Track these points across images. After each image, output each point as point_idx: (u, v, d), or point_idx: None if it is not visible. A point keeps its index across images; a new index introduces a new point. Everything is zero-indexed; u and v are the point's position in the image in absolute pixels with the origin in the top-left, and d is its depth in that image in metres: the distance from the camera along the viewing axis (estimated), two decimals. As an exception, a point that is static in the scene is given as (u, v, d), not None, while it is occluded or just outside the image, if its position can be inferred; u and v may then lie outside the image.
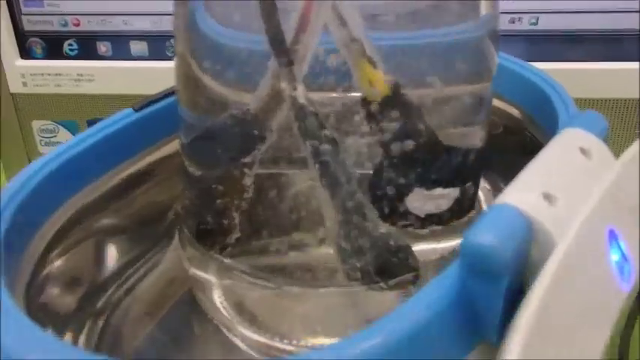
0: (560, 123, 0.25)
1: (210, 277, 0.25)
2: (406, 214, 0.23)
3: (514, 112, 0.30)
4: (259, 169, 0.24)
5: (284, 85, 0.22)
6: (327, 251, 0.24)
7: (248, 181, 0.24)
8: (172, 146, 0.29)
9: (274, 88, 0.23)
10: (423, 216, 0.23)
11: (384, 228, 0.23)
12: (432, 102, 0.23)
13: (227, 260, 0.25)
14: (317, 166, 0.23)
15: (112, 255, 0.29)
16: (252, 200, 0.24)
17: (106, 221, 0.28)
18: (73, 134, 0.53)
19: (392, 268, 0.23)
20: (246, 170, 0.24)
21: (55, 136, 0.54)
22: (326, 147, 0.23)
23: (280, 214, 0.24)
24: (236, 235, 0.24)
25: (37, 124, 0.52)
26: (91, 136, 0.27)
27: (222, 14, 0.24)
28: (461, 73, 0.24)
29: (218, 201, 0.24)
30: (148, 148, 0.29)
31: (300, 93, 0.22)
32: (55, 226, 0.25)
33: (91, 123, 0.52)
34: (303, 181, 0.24)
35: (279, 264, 0.25)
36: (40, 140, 0.53)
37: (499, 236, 0.16)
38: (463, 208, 0.25)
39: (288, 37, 0.22)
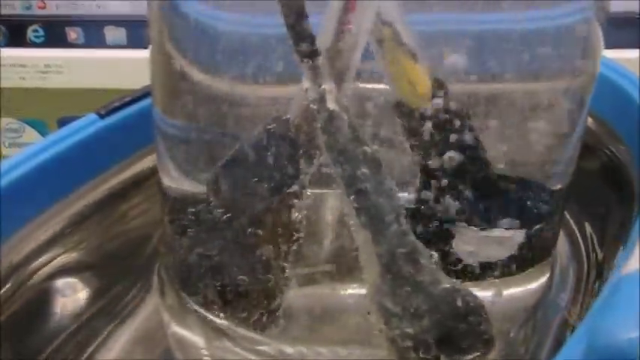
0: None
1: (195, 338, 0.20)
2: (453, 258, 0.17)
3: (589, 122, 0.24)
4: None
5: (307, 84, 0.16)
6: (364, 313, 0.17)
7: (299, 215, 0.18)
8: (150, 160, 0.23)
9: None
10: (474, 263, 0.18)
11: (446, 281, 0.16)
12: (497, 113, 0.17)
13: (219, 320, 0.18)
14: (352, 197, 0.16)
15: (70, 304, 0.22)
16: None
17: (64, 258, 0.23)
18: (42, 134, 0.48)
19: (459, 339, 0.16)
20: (295, 202, 0.17)
21: (21, 136, 0.49)
22: (365, 171, 0.16)
23: (294, 256, 0.18)
24: (240, 295, 0.18)
25: (-1, 123, 0.47)
26: (43, 150, 0.21)
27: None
28: (546, 74, 0.17)
29: (258, 251, 0.18)
30: (119, 163, 0.24)
31: (330, 95, 0.16)
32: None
33: (61, 122, 0.47)
34: (331, 209, 0.18)
35: (292, 329, 0.19)
36: (4, 141, 0.48)
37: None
38: (533, 257, 0.18)
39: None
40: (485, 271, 0.18)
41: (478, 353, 0.17)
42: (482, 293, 0.18)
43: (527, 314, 0.20)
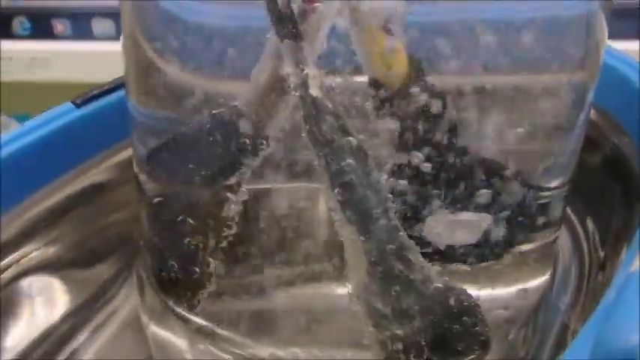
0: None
1: (177, 340, 0.19)
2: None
3: (591, 114, 0.23)
4: (248, 186, 0.16)
5: (289, 69, 0.15)
6: (349, 313, 0.16)
7: (232, 211, 0.16)
8: (128, 152, 0.22)
9: (274, 75, 0.16)
10: (442, 247, 0.16)
11: (439, 279, 0.15)
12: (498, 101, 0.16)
13: (200, 320, 0.17)
14: (337, 190, 0.15)
15: (46, 303, 0.21)
16: (237, 237, 0.17)
17: (38, 254, 0.22)
18: None
19: (453, 340, 0.15)
20: (229, 196, 0.16)
21: (7, 131, 0.47)
22: (350, 162, 0.15)
23: (277, 255, 0.17)
24: (212, 287, 0.17)
25: (-18, 117, 0.46)
26: (12, 140, 0.20)
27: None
28: (549, 64, 0.16)
29: (187, 240, 0.17)
30: (96, 155, 0.23)
31: (313, 80, 0.15)
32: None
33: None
34: (313, 204, 0.17)
35: (276, 328, 0.18)
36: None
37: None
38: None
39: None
40: (472, 259, 0.17)
41: (473, 356, 0.16)
42: (480, 292, 0.17)
43: (528, 313, 0.19)
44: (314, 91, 0.15)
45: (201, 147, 0.16)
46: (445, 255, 0.16)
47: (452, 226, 0.16)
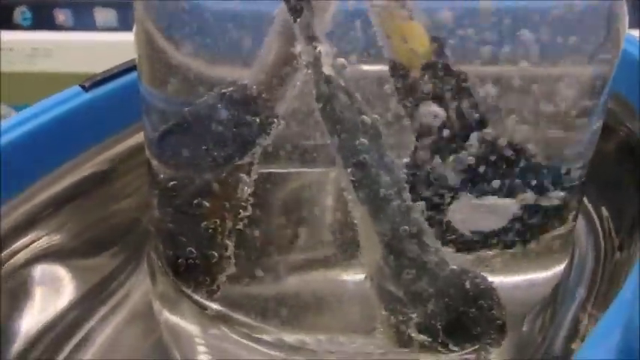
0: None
1: (190, 327, 0.19)
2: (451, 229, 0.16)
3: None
4: (261, 169, 0.16)
5: (300, 47, 0.15)
6: (363, 296, 0.16)
7: (245, 191, 0.16)
8: (137, 138, 0.22)
9: (282, 52, 0.15)
10: (467, 233, 0.16)
11: (454, 262, 0.15)
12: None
13: (215, 306, 0.17)
14: (350, 170, 0.15)
15: (58, 289, 0.21)
16: (252, 220, 0.16)
17: (45, 241, 0.21)
18: None
19: (469, 324, 0.15)
20: (242, 176, 0.16)
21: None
22: (364, 141, 0.15)
23: (293, 239, 0.17)
24: (229, 271, 0.17)
25: (-16, 108, 0.46)
26: (20, 124, 0.20)
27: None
28: (569, 52, 0.16)
29: (204, 224, 0.16)
30: (104, 140, 0.22)
31: (326, 58, 0.15)
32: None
33: (50, 107, 0.46)
34: (328, 187, 0.17)
35: (290, 314, 0.18)
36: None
37: None
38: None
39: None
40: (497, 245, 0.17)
41: (490, 340, 0.16)
42: (497, 279, 0.17)
43: (545, 301, 0.19)
44: (327, 69, 0.15)
45: (212, 126, 0.16)
46: (469, 242, 0.16)
47: (476, 211, 0.16)
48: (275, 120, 0.16)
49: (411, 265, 0.15)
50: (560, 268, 0.19)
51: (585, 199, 0.23)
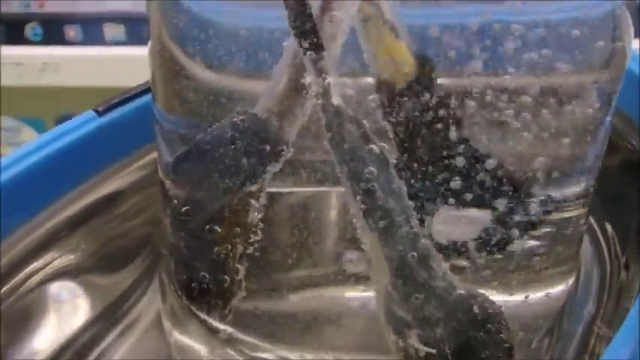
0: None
1: (199, 348, 0.19)
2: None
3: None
4: (269, 189, 0.16)
5: (311, 78, 0.15)
6: (371, 316, 0.16)
7: (255, 217, 0.17)
8: (149, 160, 0.22)
9: (292, 82, 0.16)
10: (446, 243, 0.16)
11: (460, 286, 0.15)
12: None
13: (227, 328, 0.18)
14: (359, 197, 0.15)
15: (69, 309, 0.21)
16: (262, 244, 0.17)
17: (62, 261, 0.22)
18: (39, 133, 0.47)
19: (477, 348, 0.15)
20: (252, 202, 0.16)
21: (18, 134, 0.48)
22: (372, 169, 0.15)
23: (302, 259, 0.18)
24: (240, 294, 0.17)
25: (-5, 121, 0.46)
26: (39, 149, 0.20)
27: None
28: (572, 66, 0.16)
29: (216, 249, 0.17)
30: (117, 162, 0.23)
31: (334, 89, 0.15)
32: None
33: (60, 120, 0.46)
34: (336, 204, 0.17)
35: (299, 333, 0.18)
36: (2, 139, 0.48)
37: None
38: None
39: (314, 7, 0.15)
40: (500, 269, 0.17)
41: (495, 363, 0.16)
42: (504, 298, 0.17)
43: (552, 320, 0.19)
44: (336, 100, 0.15)
45: (223, 155, 0.16)
46: (464, 255, 0.17)
47: (457, 222, 0.17)
48: (285, 148, 0.16)
49: (419, 289, 0.16)
50: (567, 286, 0.19)
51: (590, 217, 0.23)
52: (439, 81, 0.16)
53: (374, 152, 0.16)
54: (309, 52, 0.15)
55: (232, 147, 0.16)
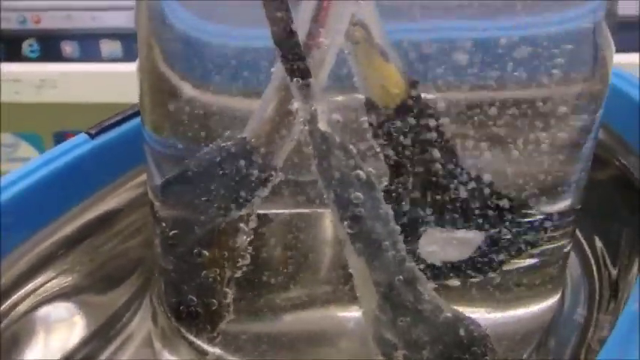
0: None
1: None
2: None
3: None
4: (261, 210, 0.17)
5: (298, 104, 0.15)
6: (362, 335, 0.17)
7: (244, 241, 0.17)
8: (142, 177, 0.22)
9: (280, 108, 0.16)
10: (438, 264, 0.17)
11: (447, 309, 0.16)
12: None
13: (215, 350, 0.18)
14: (346, 222, 0.15)
15: (66, 328, 0.21)
16: (251, 267, 0.17)
17: (57, 282, 0.22)
18: (37, 149, 0.48)
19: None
20: (241, 226, 0.17)
21: (16, 150, 0.48)
22: (359, 195, 0.15)
23: (291, 280, 0.18)
24: (229, 317, 0.17)
25: (-7, 138, 0.47)
26: (32, 172, 0.21)
27: (200, 6, 0.17)
28: (553, 82, 0.16)
29: (204, 273, 0.17)
30: (112, 182, 0.23)
31: (322, 115, 0.15)
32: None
33: (57, 136, 0.47)
34: (322, 228, 0.17)
35: (289, 354, 0.18)
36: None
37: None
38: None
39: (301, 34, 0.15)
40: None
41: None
42: (492, 316, 0.18)
43: (539, 336, 0.19)
44: (323, 126, 0.16)
45: (212, 180, 0.17)
46: (444, 273, 0.17)
47: (447, 243, 0.17)
48: (273, 173, 0.17)
49: (405, 312, 0.16)
50: (554, 301, 0.20)
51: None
52: (428, 101, 0.16)
53: (361, 178, 0.16)
54: (295, 79, 0.15)
55: (221, 172, 0.17)
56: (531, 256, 0.17)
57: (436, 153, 0.16)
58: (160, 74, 0.17)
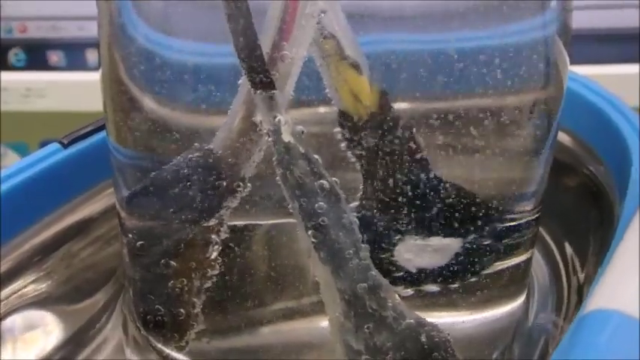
0: (634, 163, 0.20)
1: None
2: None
3: (565, 139, 0.24)
4: (230, 221, 0.17)
5: (261, 116, 0.15)
6: (332, 347, 0.17)
7: (214, 251, 0.17)
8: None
9: (246, 120, 0.16)
10: (413, 270, 0.17)
11: (410, 315, 0.16)
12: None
13: (184, 359, 0.18)
14: (311, 232, 0.16)
15: (39, 336, 0.22)
16: (221, 277, 0.17)
17: (29, 290, 0.22)
18: None
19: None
20: (210, 237, 0.17)
21: (3, 159, 0.48)
22: (323, 204, 0.16)
23: (263, 292, 0.18)
24: (198, 327, 0.17)
25: (-22, 147, 0.47)
26: (4, 180, 0.20)
27: (157, 18, 0.17)
28: (504, 92, 0.17)
29: (171, 283, 0.17)
30: (86, 191, 0.23)
31: (285, 127, 0.16)
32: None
33: (44, 145, 0.46)
34: (294, 239, 0.17)
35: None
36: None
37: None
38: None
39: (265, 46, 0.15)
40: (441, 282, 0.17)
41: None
42: (457, 319, 0.18)
43: (504, 339, 0.19)
44: (286, 137, 0.16)
45: (179, 191, 0.17)
46: (414, 279, 0.17)
47: (421, 250, 0.17)
48: (241, 184, 0.17)
49: (369, 319, 0.16)
50: (519, 303, 0.20)
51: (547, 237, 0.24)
52: (398, 111, 0.16)
53: (324, 188, 0.16)
54: (259, 91, 0.16)
55: (188, 183, 0.17)
56: (494, 260, 0.18)
57: (407, 162, 0.16)
58: (121, 85, 0.18)
